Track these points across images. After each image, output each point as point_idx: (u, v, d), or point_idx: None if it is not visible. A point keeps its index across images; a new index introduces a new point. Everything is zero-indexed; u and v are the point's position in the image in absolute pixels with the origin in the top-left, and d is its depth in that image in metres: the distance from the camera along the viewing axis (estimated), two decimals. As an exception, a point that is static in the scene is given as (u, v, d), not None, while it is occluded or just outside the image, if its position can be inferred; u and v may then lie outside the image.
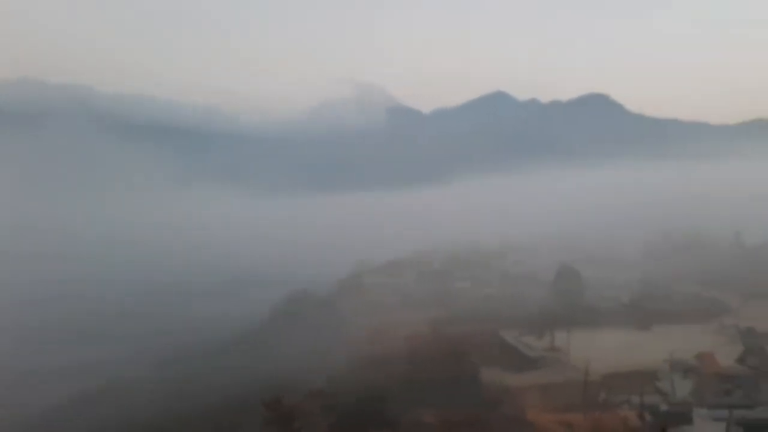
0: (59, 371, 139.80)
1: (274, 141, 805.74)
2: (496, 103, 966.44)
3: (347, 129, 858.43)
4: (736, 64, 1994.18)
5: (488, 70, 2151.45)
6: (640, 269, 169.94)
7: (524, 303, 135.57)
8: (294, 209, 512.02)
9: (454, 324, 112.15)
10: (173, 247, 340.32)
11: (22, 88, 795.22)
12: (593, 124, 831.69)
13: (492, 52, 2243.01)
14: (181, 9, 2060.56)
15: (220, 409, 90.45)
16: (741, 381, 70.91)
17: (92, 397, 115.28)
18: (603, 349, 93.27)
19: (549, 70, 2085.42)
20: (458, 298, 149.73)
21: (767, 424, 55.39)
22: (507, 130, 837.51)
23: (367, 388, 69.53)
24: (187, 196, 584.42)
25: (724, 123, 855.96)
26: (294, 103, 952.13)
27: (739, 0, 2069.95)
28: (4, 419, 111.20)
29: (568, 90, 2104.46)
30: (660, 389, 73.08)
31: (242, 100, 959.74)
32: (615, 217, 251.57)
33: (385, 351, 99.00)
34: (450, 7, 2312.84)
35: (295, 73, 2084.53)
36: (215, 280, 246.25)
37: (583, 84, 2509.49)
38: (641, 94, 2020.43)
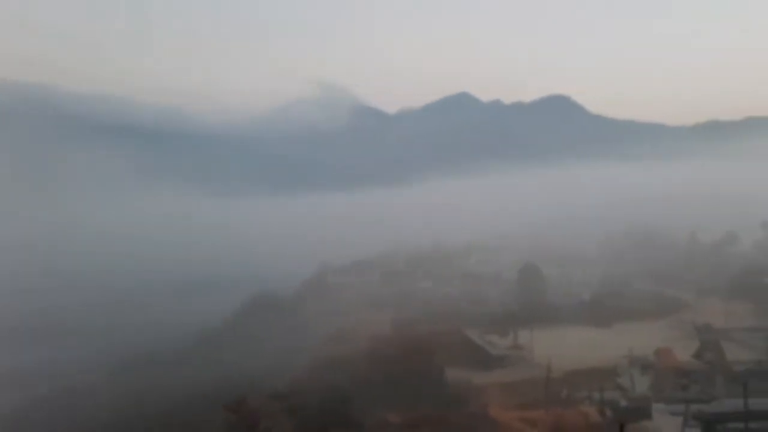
0: (11, 374, 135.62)
1: (237, 141, 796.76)
2: (460, 103, 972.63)
3: (311, 129, 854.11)
4: (691, 67, 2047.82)
5: (452, 70, 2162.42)
6: (600, 268, 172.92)
7: (487, 302, 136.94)
8: (258, 210, 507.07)
9: (418, 324, 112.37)
10: (135, 248, 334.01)
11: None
12: (555, 125, 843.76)
13: (456, 52, 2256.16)
14: (145, 9, 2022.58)
15: (181, 413, 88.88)
16: (697, 376, 72.53)
17: (46, 401, 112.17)
18: (565, 347, 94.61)
19: (512, 71, 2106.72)
20: (422, 297, 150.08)
21: (722, 417, 56.60)
22: (471, 130, 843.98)
23: (330, 389, 69.16)
24: (151, 196, 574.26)
25: (680, 124, 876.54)
26: (257, 103, 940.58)
27: (694, 5, 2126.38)
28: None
29: (530, 91, 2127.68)
30: (620, 385, 74.36)
31: (205, 100, 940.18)
32: (576, 217, 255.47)
33: (349, 351, 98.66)
34: (414, 7, 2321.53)
35: (259, 73, 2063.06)
36: (178, 281, 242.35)
37: (546, 85, 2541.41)
38: (602, 96, 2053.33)
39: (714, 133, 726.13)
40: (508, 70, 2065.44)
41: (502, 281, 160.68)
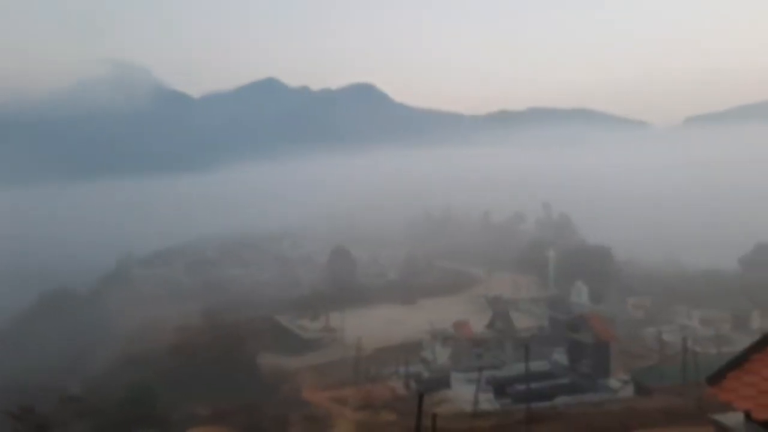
0: None
1: (23, 124, 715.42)
2: (267, 89, 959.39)
3: (107, 112, 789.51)
4: (487, 59, 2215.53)
5: (260, 55, 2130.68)
6: (405, 248, 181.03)
7: (299, 286, 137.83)
8: (48, 199, 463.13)
9: (229, 312, 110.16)
10: None
11: None
12: (361, 112, 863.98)
13: (264, 37, 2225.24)
14: None
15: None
16: (490, 344, 78.88)
17: None
18: (374, 326, 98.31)
19: (320, 58, 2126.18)
20: (232, 285, 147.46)
21: (510, 380, 62.27)
22: (278, 116, 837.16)
23: (132, 387, 65.40)
24: None
25: (475, 113, 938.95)
26: (44, 83, 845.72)
27: (484, 4, 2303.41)
28: None
29: (337, 78, 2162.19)
30: (424, 358, 78.74)
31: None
32: (381, 201, 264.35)
33: (154, 346, 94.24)
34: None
35: (46, 49, 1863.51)
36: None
37: (353, 73, 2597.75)
38: (405, 85, 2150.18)
39: (503, 122, 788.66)
40: (316, 56, 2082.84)
41: (314, 264, 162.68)
